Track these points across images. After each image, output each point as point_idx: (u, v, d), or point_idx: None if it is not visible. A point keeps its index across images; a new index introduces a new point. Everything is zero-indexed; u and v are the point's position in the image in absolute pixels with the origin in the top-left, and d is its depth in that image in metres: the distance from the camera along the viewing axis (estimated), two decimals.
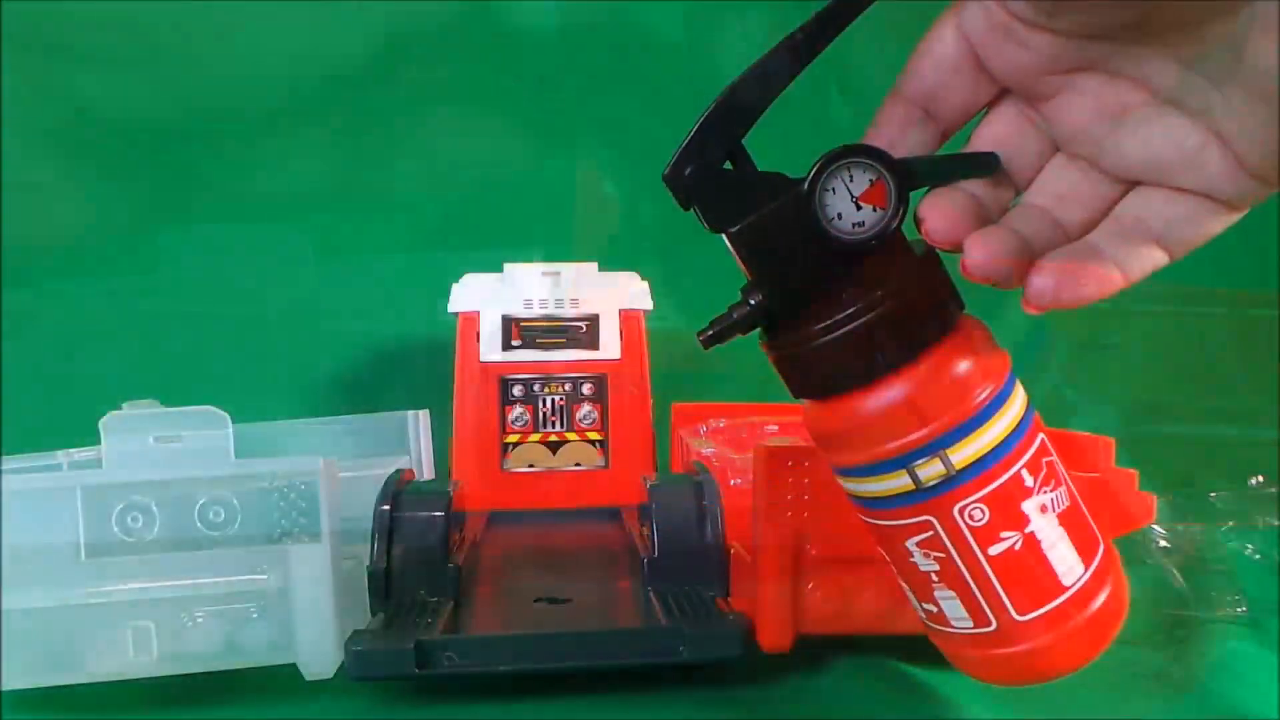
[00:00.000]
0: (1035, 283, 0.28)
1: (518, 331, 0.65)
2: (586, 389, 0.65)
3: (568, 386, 0.65)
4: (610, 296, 0.66)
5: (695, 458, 0.57)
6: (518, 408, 0.64)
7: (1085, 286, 0.28)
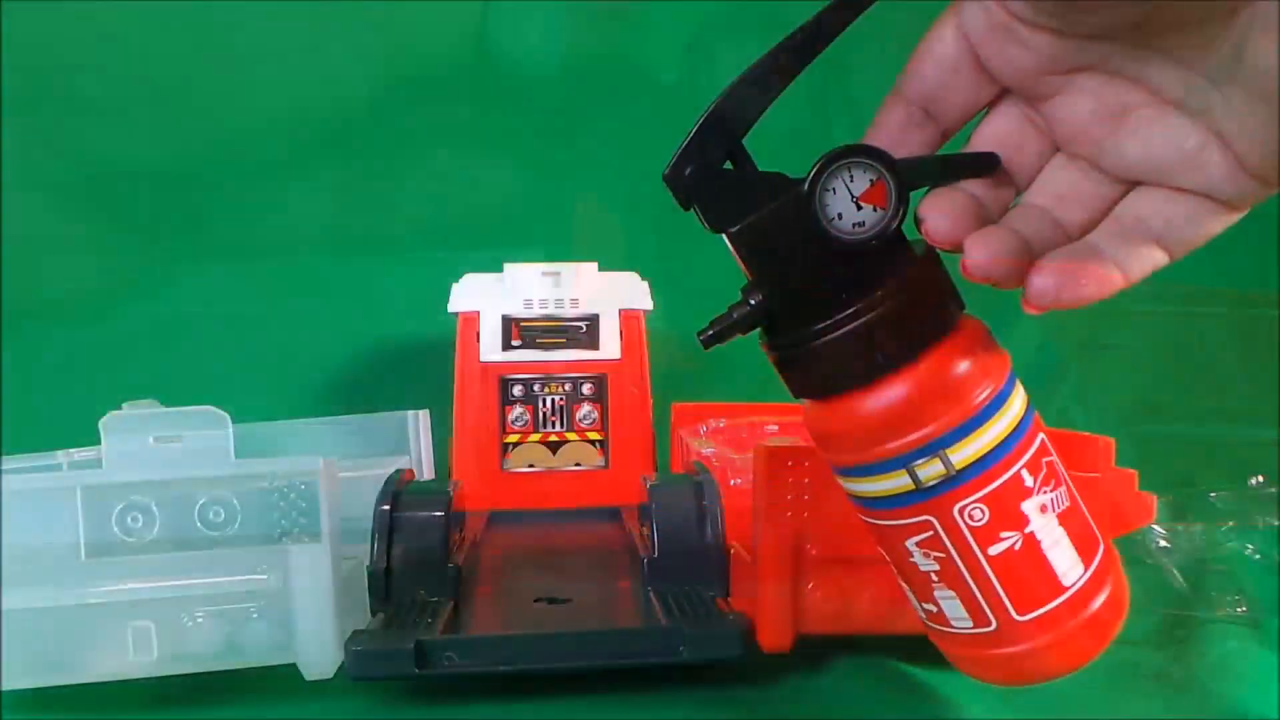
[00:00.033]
0: (1035, 283, 0.28)
1: (518, 331, 0.65)
2: (586, 389, 0.65)
3: (568, 386, 0.65)
4: (610, 296, 0.66)
5: (695, 458, 0.57)
6: (518, 408, 0.64)
7: (1085, 286, 0.28)
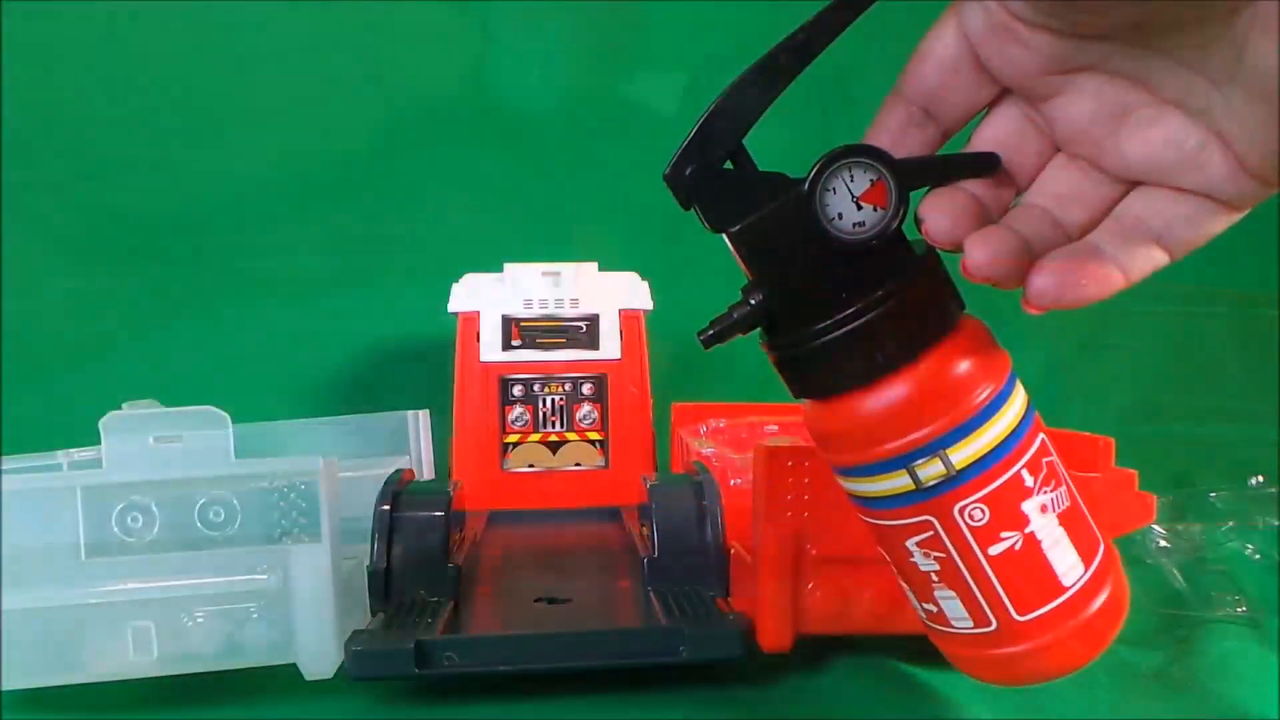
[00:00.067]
0: (1036, 283, 0.28)
1: (518, 331, 0.65)
2: (586, 389, 0.65)
3: (568, 386, 0.65)
4: (610, 296, 0.66)
5: (695, 458, 0.57)
6: (518, 408, 0.64)
7: (1086, 287, 0.28)
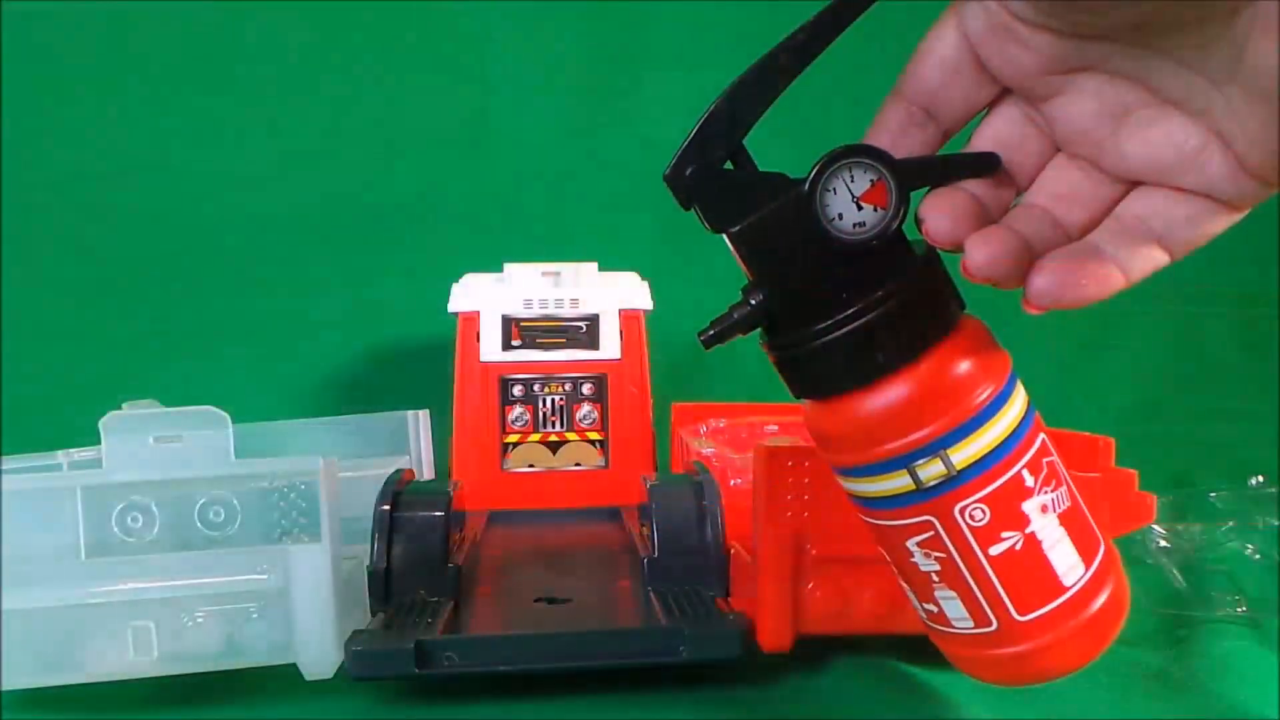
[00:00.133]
0: (1036, 283, 0.28)
1: (518, 331, 0.65)
2: (586, 389, 0.65)
3: (568, 386, 0.65)
4: (610, 296, 0.66)
5: (695, 458, 0.57)
6: (518, 408, 0.64)
7: (1086, 287, 0.28)
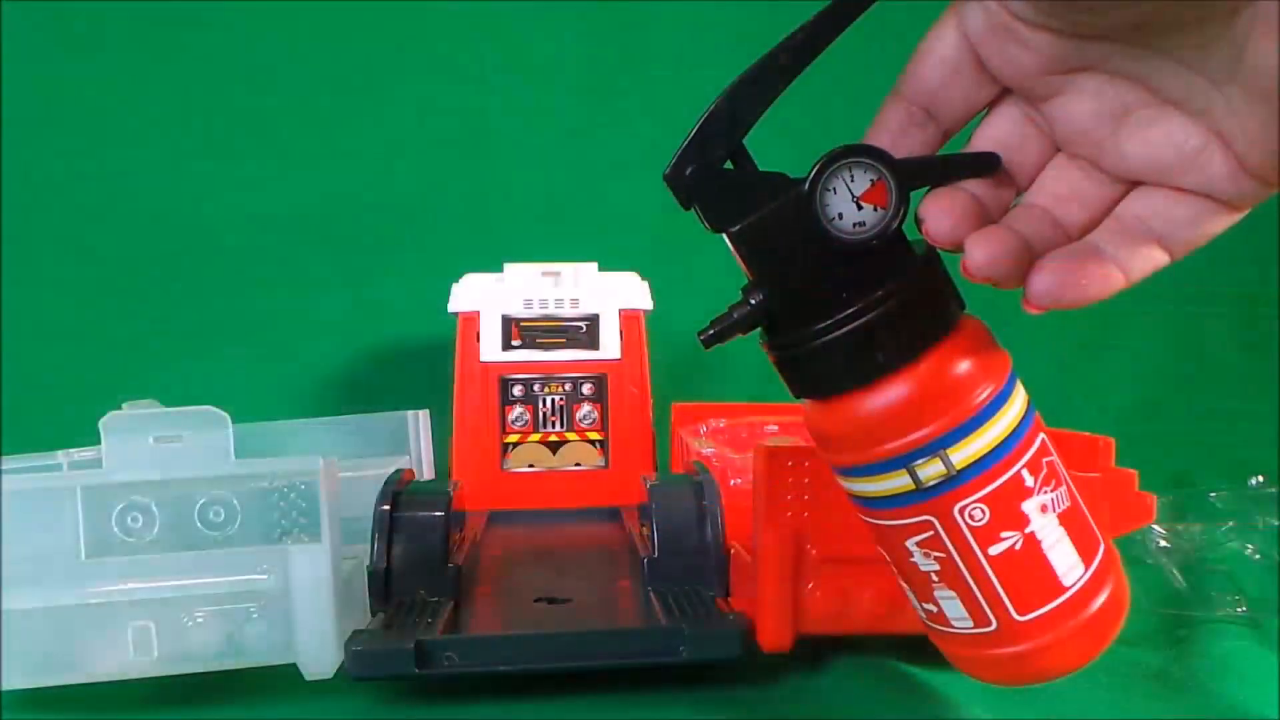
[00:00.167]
0: (1036, 283, 0.28)
1: (518, 331, 0.65)
2: (586, 389, 0.65)
3: (568, 386, 0.65)
4: (610, 296, 0.66)
5: (695, 458, 0.57)
6: (518, 408, 0.64)
7: (1086, 287, 0.28)
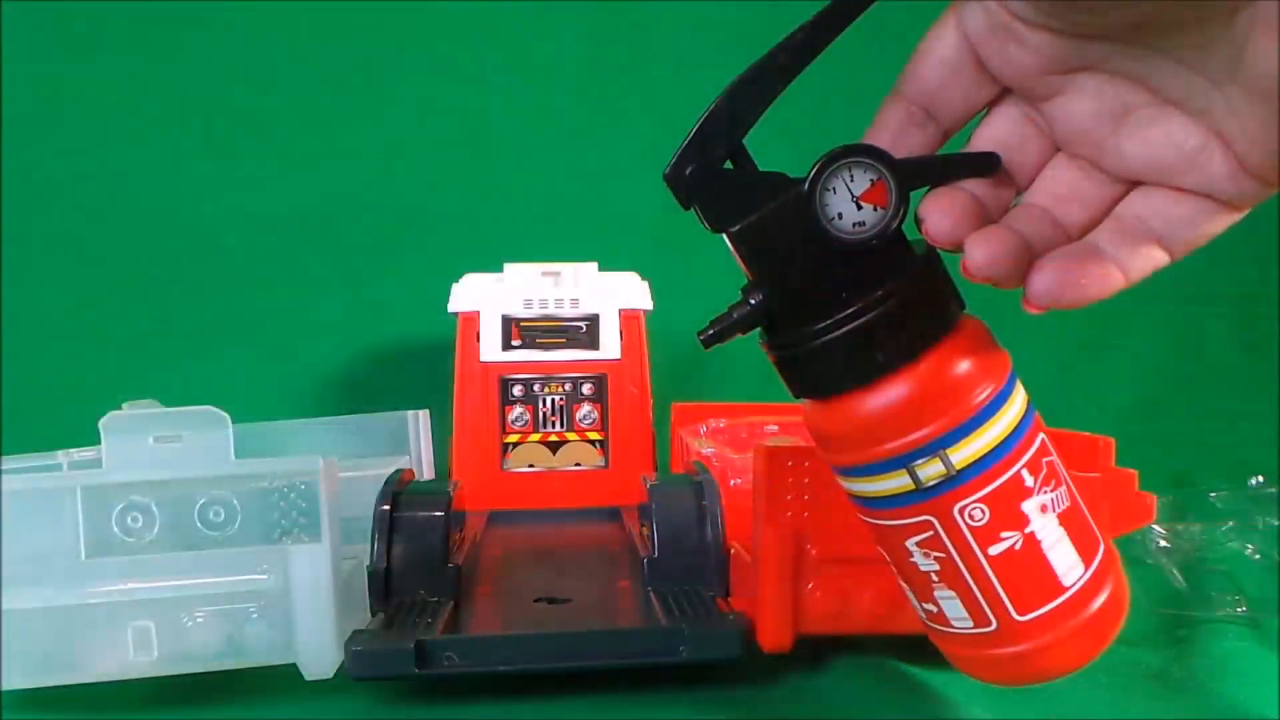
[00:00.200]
0: (1036, 283, 0.28)
1: (518, 331, 0.65)
2: (586, 389, 0.65)
3: (568, 386, 0.65)
4: (610, 296, 0.66)
5: (695, 458, 0.57)
6: (518, 408, 0.64)
7: (1086, 287, 0.28)
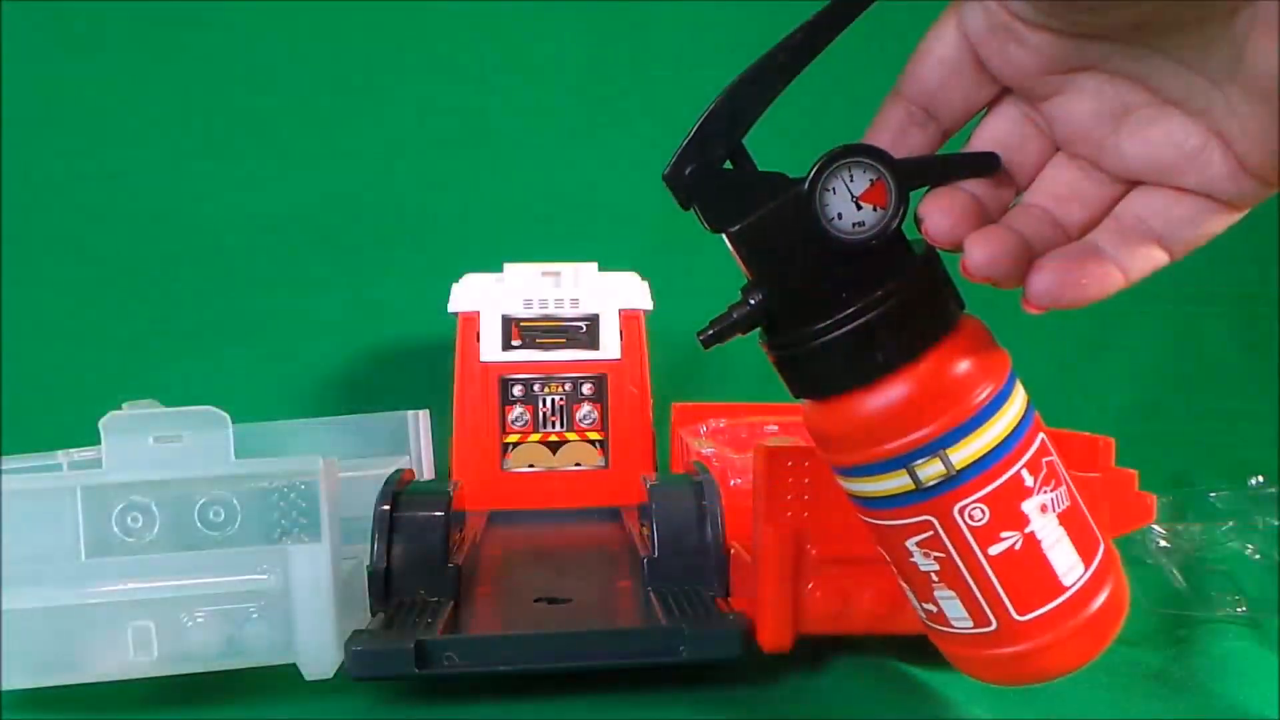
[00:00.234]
0: (1036, 282, 0.28)
1: (518, 331, 0.65)
2: (586, 389, 0.65)
3: (568, 386, 0.65)
4: (610, 296, 0.66)
5: (695, 458, 0.57)
6: (518, 408, 0.64)
7: (1086, 287, 0.28)
